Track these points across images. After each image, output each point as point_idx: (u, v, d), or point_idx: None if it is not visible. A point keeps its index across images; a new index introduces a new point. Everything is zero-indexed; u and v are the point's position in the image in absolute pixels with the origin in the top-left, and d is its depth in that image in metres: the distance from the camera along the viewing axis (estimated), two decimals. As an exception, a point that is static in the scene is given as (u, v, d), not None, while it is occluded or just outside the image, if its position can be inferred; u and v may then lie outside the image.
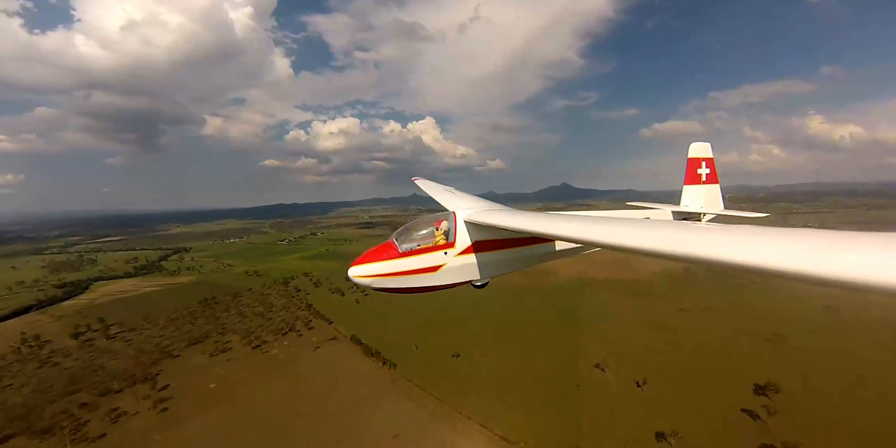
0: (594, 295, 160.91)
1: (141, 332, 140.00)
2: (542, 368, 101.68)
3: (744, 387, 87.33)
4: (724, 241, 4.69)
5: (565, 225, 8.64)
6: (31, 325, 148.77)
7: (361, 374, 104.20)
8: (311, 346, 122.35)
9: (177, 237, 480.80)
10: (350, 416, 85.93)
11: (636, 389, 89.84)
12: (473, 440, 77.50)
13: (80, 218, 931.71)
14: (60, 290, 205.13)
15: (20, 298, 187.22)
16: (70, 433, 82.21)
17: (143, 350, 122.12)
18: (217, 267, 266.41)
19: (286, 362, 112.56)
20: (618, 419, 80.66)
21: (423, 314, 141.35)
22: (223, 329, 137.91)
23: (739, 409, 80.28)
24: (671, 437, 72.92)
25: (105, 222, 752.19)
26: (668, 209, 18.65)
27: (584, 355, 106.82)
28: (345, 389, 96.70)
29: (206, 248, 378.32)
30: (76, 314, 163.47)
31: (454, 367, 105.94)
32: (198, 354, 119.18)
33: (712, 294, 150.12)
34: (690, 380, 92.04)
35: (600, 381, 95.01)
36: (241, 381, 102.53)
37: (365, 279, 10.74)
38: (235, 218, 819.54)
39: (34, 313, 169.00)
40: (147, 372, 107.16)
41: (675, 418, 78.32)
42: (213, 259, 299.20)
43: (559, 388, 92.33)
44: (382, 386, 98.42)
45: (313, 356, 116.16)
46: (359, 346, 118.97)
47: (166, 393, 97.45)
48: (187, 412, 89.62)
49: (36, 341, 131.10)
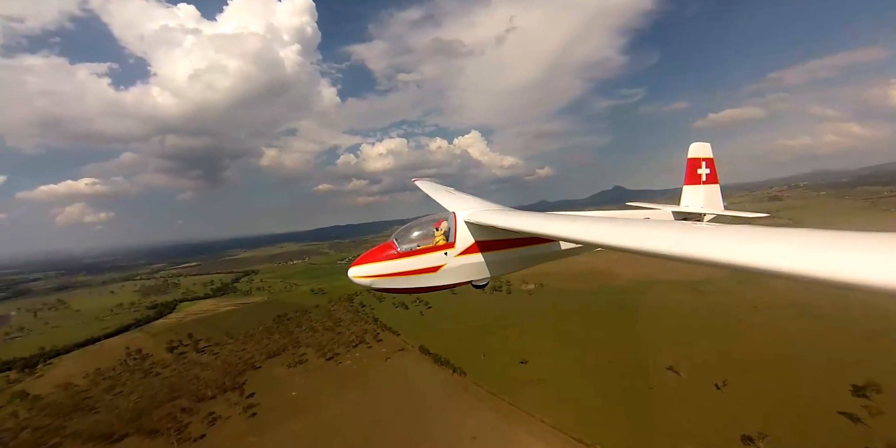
0: (658, 296, 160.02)
1: (225, 347, 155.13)
2: (612, 372, 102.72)
3: (838, 388, 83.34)
4: (724, 242, 4.84)
5: (565, 225, 8.97)
6: (133, 341, 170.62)
7: (433, 382, 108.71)
8: (381, 357, 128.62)
9: (244, 261, 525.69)
10: (426, 421, 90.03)
11: (715, 392, 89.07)
12: (549, 442, 79.25)
13: (161, 247, 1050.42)
14: (152, 310, 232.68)
15: (121, 319, 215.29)
16: (175, 433, 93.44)
17: (229, 362, 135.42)
18: (284, 286, 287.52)
19: (360, 372, 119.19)
20: (697, 422, 79.82)
21: (485, 323, 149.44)
22: (297, 342, 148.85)
23: (836, 412, 76.75)
24: (759, 439, 70.92)
25: (181, 250, 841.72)
26: (668, 209, 19.13)
27: (654, 358, 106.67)
28: (418, 396, 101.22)
29: (271, 269, 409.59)
30: (168, 331, 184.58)
31: (523, 372, 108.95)
32: (277, 366, 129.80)
33: (790, 290, 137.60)
34: (775, 382, 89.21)
35: (675, 383, 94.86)
36: (320, 390, 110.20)
37: (365, 279, 11.10)
38: (294, 241, 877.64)
39: (133, 331, 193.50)
40: (235, 381, 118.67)
41: (761, 421, 76.40)
42: (280, 280, 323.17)
43: (632, 392, 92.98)
44: (455, 392, 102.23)
45: (385, 366, 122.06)
46: (428, 355, 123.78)
47: (253, 400, 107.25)
48: (274, 418, 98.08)
49: (138, 355, 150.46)
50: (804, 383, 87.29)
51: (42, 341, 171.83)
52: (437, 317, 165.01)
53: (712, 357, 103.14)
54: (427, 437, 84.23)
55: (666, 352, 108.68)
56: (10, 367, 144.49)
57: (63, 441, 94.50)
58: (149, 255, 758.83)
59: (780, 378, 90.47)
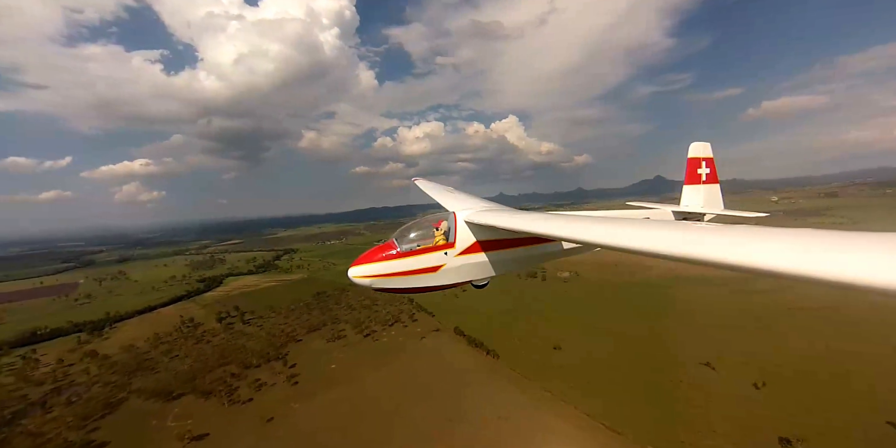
0: (693, 291, 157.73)
1: (268, 320, 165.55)
2: (646, 364, 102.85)
3: (890, 398, 79.01)
4: (724, 242, 4.87)
5: (565, 225, 9.06)
6: (185, 311, 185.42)
7: (466, 362, 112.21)
8: (416, 336, 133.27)
9: (284, 240, 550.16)
10: (458, 399, 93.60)
11: (754, 391, 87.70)
12: (579, 427, 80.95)
13: (207, 225, 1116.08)
14: (202, 283, 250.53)
15: (174, 290, 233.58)
16: (225, 396, 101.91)
17: (272, 334, 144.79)
18: (323, 265, 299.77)
19: (395, 349, 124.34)
20: (733, 419, 79.04)
21: (520, 308, 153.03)
22: (336, 319, 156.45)
23: (885, 422, 73.14)
24: (797, 442, 69.70)
25: (225, 228, 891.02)
26: (668, 209, 19.12)
27: (689, 353, 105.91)
28: (452, 375, 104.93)
29: (310, 249, 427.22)
30: (216, 303, 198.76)
31: (556, 358, 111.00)
32: (317, 339, 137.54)
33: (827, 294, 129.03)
34: (818, 386, 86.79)
35: (710, 379, 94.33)
36: (358, 364, 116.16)
37: (365, 279, 11.21)
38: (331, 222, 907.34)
39: (185, 302, 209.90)
40: (278, 352, 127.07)
41: (802, 425, 74.81)
42: (319, 259, 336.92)
43: (665, 385, 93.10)
44: (487, 373, 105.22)
45: (420, 345, 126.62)
46: (462, 336, 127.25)
47: (295, 370, 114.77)
48: (315, 387, 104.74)
49: (191, 323, 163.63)
50: (850, 390, 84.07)
51: (107, 307, 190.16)
52: (472, 300, 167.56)
53: (750, 357, 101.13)
54: (458, 413, 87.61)
55: (701, 348, 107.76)
56: (81, 329, 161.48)
57: (129, 396, 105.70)
58: (196, 232, 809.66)
59: (824, 382, 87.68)
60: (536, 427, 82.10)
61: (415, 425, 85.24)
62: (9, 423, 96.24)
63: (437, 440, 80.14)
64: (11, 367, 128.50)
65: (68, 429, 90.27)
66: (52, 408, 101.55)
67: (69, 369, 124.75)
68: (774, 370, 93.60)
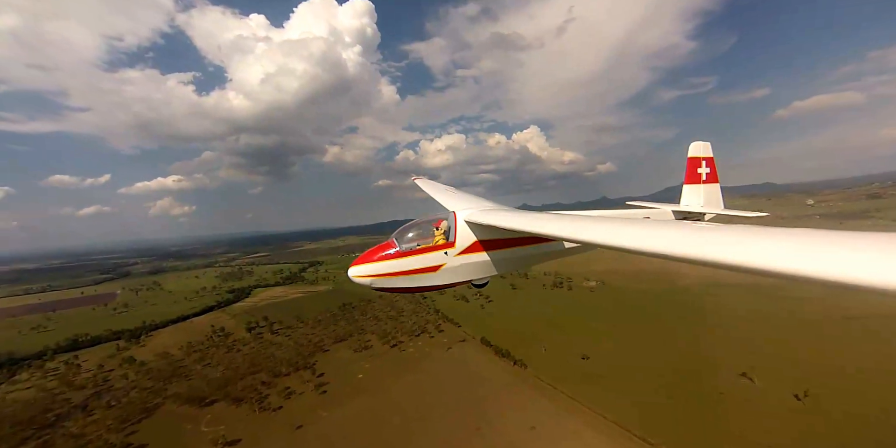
0: (729, 299, 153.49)
1: (296, 330, 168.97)
2: (678, 374, 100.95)
3: None
4: (724, 241, 4.90)
5: (564, 225, 9.14)
6: (216, 320, 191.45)
7: (494, 372, 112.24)
8: (443, 347, 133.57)
9: (309, 252, 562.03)
10: (486, 409, 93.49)
11: (795, 402, 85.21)
12: (611, 438, 79.88)
13: (235, 238, 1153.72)
14: (231, 294, 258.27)
15: (205, 300, 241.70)
16: (256, 403, 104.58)
17: (300, 343, 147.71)
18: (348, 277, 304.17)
19: (422, 360, 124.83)
20: (775, 432, 76.68)
21: (546, 318, 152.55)
22: (362, 329, 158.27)
23: None
24: None
25: (252, 241, 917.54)
26: (668, 209, 19.22)
27: (725, 363, 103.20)
28: (479, 385, 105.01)
29: (335, 261, 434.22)
30: (245, 313, 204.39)
31: (584, 367, 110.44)
32: (344, 349, 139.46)
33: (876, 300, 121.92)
34: (866, 398, 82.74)
35: (748, 390, 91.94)
36: (385, 373, 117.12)
37: (365, 279, 11.29)
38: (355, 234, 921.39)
39: (216, 312, 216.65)
40: (306, 361, 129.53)
41: (848, 439, 72.38)
42: (344, 270, 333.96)
43: (701, 396, 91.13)
44: (515, 383, 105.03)
45: (446, 355, 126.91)
46: (489, 347, 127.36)
47: (324, 379, 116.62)
48: (342, 396, 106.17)
49: (222, 332, 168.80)
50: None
51: (143, 316, 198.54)
52: (497, 310, 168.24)
53: (790, 367, 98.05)
54: (486, 423, 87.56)
55: (738, 358, 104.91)
56: (119, 336, 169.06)
57: (164, 401, 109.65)
58: (225, 245, 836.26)
59: (870, 395, 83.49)
60: (565, 436, 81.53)
61: (442, 434, 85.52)
62: (52, 425, 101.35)
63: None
64: (55, 371, 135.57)
65: (108, 431, 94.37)
66: (93, 411, 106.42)
67: (108, 374, 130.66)
68: (818, 381, 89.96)
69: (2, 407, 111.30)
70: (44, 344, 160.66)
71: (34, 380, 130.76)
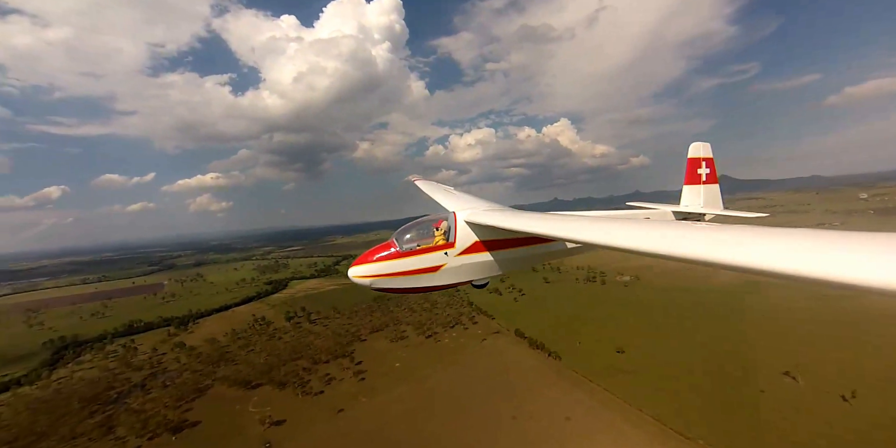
0: (769, 297, 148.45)
1: (333, 320, 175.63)
2: (716, 371, 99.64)
3: None
4: (724, 242, 4.95)
5: (564, 225, 9.23)
6: (257, 310, 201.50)
7: (528, 364, 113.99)
8: (477, 338, 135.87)
9: (342, 246, 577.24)
10: (521, 399, 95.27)
11: (842, 403, 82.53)
12: (646, 431, 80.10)
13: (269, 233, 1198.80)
14: (269, 286, 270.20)
15: (245, 291, 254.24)
16: (299, 387, 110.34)
17: (338, 333, 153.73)
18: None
19: (457, 351, 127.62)
20: (820, 433, 74.96)
21: (580, 311, 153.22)
22: (398, 320, 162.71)
23: None
24: None
25: (287, 236, 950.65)
26: (668, 209, 19.45)
27: (766, 361, 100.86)
28: (514, 376, 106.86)
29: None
30: (283, 304, 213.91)
31: (620, 361, 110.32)
32: (381, 339, 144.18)
33: None
34: None
35: (791, 389, 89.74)
36: (421, 363, 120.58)
37: (365, 279, 11.39)
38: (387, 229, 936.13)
39: (256, 302, 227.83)
40: (345, 350, 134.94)
41: None
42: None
43: (740, 393, 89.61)
44: (549, 375, 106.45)
45: (480, 346, 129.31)
46: (523, 339, 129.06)
47: (362, 367, 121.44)
48: (381, 384, 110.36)
49: (263, 321, 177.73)
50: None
51: (189, 305, 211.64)
52: (530, 303, 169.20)
53: (836, 367, 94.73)
54: (521, 412, 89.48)
55: (779, 356, 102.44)
56: (169, 323, 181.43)
57: (214, 383, 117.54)
58: (261, 239, 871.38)
59: None
60: (601, 428, 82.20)
61: (479, 421, 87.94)
62: (115, 401, 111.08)
63: (502, 436, 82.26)
64: (115, 354, 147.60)
65: (165, 408, 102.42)
66: (150, 390, 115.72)
67: (162, 357, 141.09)
68: (866, 382, 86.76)
69: (71, 384, 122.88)
70: (103, 328, 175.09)
71: (96, 360, 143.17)
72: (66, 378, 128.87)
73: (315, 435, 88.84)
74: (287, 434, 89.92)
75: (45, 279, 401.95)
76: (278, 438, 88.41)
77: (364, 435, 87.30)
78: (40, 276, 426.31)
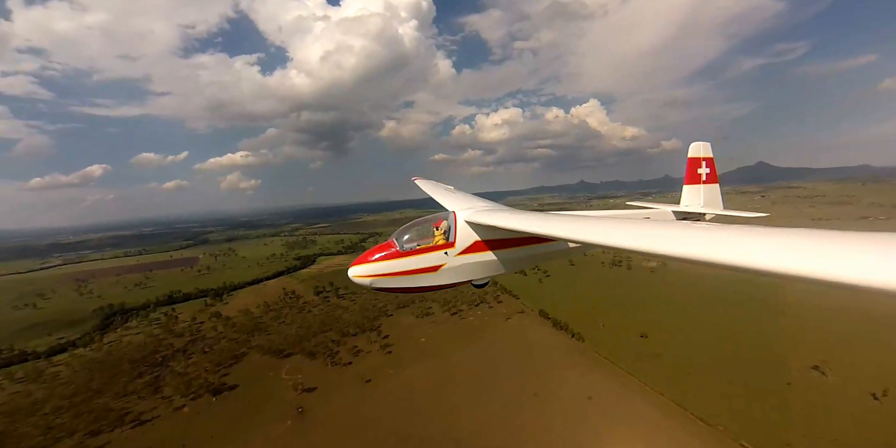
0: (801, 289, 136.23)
1: (361, 295, 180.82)
2: (742, 360, 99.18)
3: None
4: (724, 241, 4.96)
5: (564, 225, 9.27)
6: (287, 284, 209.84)
7: (551, 344, 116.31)
8: (502, 317, 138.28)
9: (368, 224, 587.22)
10: (544, 377, 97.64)
11: (871, 401, 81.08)
12: (667, 415, 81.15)
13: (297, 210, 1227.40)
14: (297, 261, 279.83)
15: (275, 266, 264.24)
16: (328, 358, 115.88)
17: (365, 307, 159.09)
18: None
19: (482, 328, 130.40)
20: (846, 429, 73.94)
21: (605, 295, 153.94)
22: (423, 297, 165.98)
23: None
24: None
25: (314, 213, 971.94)
26: (668, 209, 19.27)
27: (794, 354, 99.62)
28: (537, 354, 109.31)
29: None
30: (312, 279, 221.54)
31: (643, 345, 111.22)
32: (407, 315, 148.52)
33: None
34: None
35: (820, 383, 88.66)
36: (446, 339, 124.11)
37: (364, 279, 11.40)
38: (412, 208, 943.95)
39: (286, 277, 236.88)
40: (372, 324, 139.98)
41: None
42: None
43: (765, 384, 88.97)
44: (573, 355, 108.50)
45: (505, 325, 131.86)
46: (547, 319, 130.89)
47: (389, 341, 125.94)
48: (407, 357, 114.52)
49: (293, 295, 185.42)
50: None
51: (223, 278, 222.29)
52: (555, 285, 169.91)
53: (869, 366, 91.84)
54: (544, 390, 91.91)
55: (808, 350, 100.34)
56: (206, 294, 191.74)
57: (249, 351, 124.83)
58: (289, 216, 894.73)
59: None
60: (622, 409, 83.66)
61: (502, 396, 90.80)
62: (161, 364, 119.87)
63: (524, 410, 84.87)
64: (158, 321, 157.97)
65: (206, 372, 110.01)
66: (191, 355, 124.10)
67: (200, 326, 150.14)
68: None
69: (120, 347, 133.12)
70: (146, 298, 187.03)
71: (141, 327, 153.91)
72: (115, 342, 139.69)
73: (344, 402, 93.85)
74: (318, 400, 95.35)
75: (90, 252, 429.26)
76: (310, 404, 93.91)
77: (391, 404, 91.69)
78: (86, 249, 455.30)
